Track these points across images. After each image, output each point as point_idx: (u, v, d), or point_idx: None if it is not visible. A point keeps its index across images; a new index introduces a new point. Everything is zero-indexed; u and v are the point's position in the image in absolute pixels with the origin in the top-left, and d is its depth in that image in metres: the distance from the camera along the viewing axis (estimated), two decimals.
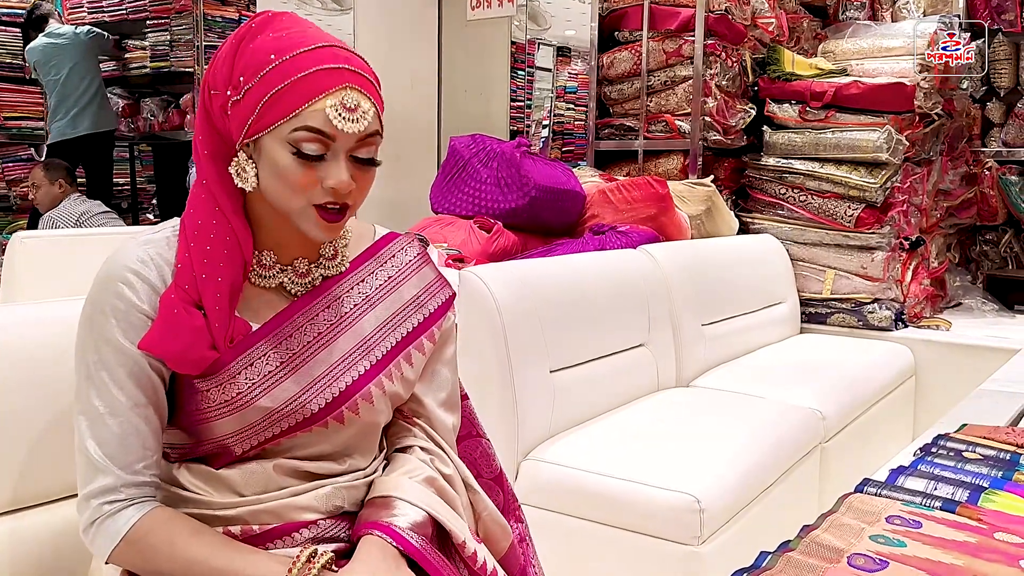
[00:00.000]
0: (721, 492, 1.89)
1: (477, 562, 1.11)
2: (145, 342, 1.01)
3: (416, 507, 1.09)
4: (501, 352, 2.04)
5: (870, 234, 3.44)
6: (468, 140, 3.08)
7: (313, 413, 1.08)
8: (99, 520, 1.01)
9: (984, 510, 1.15)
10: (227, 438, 1.07)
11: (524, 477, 2.04)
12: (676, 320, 2.72)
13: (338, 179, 1.00)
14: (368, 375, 1.12)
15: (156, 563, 1.01)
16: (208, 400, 1.05)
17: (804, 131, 3.54)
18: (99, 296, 1.03)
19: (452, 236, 2.86)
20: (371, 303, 1.16)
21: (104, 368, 1.02)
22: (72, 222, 4.15)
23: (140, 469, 1.03)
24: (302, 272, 1.12)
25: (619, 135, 3.85)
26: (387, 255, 1.20)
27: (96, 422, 1.02)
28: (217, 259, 1.04)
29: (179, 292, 1.02)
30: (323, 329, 1.11)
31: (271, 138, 1.00)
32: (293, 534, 1.07)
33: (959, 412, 1.67)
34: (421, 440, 1.20)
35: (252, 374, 1.05)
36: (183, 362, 1.02)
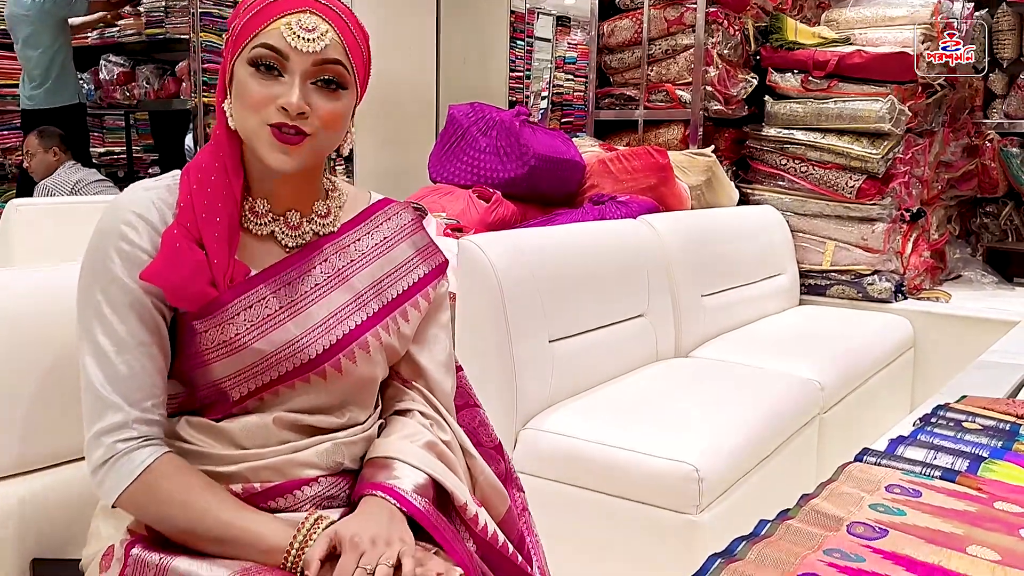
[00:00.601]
0: (719, 461, 1.89)
1: (478, 524, 1.12)
2: (146, 273, 1.02)
3: (418, 469, 1.10)
4: (500, 321, 2.04)
5: (871, 205, 3.42)
6: (467, 108, 3.06)
7: (311, 359, 1.10)
8: (114, 458, 1.02)
9: (984, 479, 1.15)
10: (223, 381, 1.08)
11: (523, 446, 2.05)
12: (675, 290, 2.71)
13: (287, 99, 1.02)
14: (365, 325, 1.14)
15: (166, 509, 1.02)
16: (206, 341, 1.06)
17: (806, 101, 3.51)
18: (103, 238, 1.05)
19: (450, 205, 2.84)
20: (366, 260, 1.18)
21: (110, 306, 1.03)
22: (67, 190, 4.12)
23: (149, 407, 1.04)
24: (294, 224, 1.14)
25: (619, 105, 3.82)
26: (382, 218, 1.22)
27: (103, 360, 1.03)
28: (216, 199, 1.07)
29: (181, 229, 1.04)
30: (319, 281, 1.13)
31: (239, 63, 1.05)
32: (295, 492, 1.08)
33: (958, 383, 1.67)
34: (420, 405, 1.21)
35: (251, 316, 1.07)
36: (183, 296, 1.03)
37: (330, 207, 1.18)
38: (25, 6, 4.86)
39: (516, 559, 1.15)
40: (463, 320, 2.12)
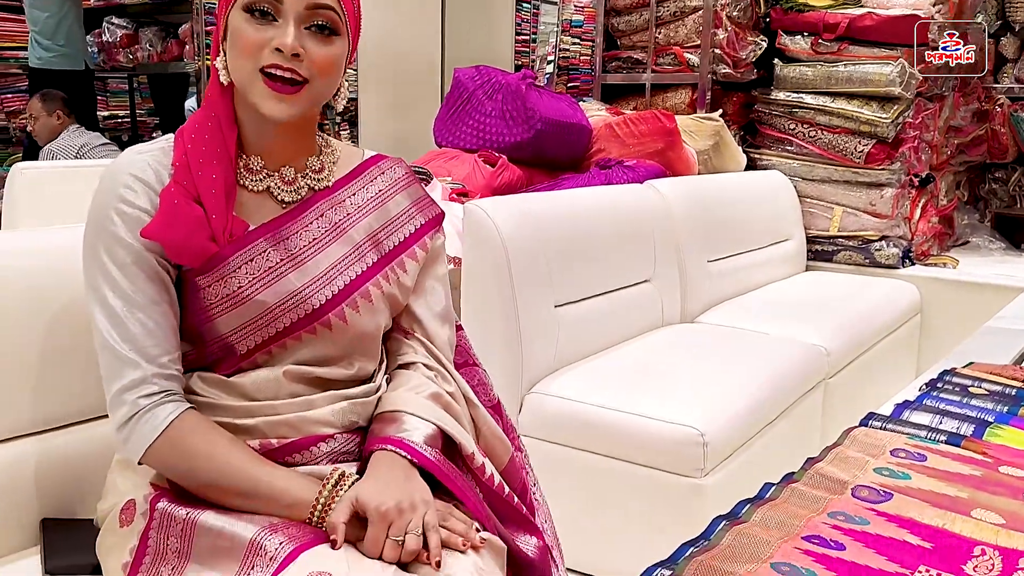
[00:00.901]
0: (725, 426, 1.90)
1: (485, 473, 1.13)
2: (147, 231, 1.04)
3: (426, 421, 1.11)
4: (505, 286, 2.03)
5: (880, 170, 3.40)
6: (473, 72, 3.03)
7: (315, 309, 1.11)
8: (138, 414, 1.03)
9: (989, 444, 1.15)
10: (230, 335, 1.09)
11: (528, 410, 2.05)
12: (682, 256, 2.70)
13: (282, 40, 1.04)
14: (365, 275, 1.16)
15: (192, 463, 1.03)
16: (210, 296, 1.07)
17: (816, 64, 3.47)
18: (102, 203, 1.06)
19: (456, 170, 2.83)
20: (363, 213, 1.19)
21: (117, 266, 1.05)
22: (72, 154, 4.11)
23: (166, 362, 1.05)
24: (289, 180, 1.15)
25: (626, 68, 3.78)
26: (375, 172, 1.23)
27: (116, 319, 1.04)
28: (211, 156, 1.08)
29: (178, 187, 1.06)
30: (317, 235, 1.14)
31: (234, 11, 1.07)
32: (312, 448, 1.09)
33: (965, 349, 1.67)
34: (423, 357, 1.22)
35: (252, 269, 1.09)
36: (183, 252, 1.05)
37: (324, 162, 1.19)
38: None
39: (521, 508, 1.17)
40: (469, 284, 2.12)
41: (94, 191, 1.08)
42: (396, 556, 0.97)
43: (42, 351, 1.21)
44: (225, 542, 0.98)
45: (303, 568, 0.92)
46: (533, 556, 1.15)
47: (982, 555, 0.86)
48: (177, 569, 0.99)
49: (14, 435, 1.21)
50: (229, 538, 0.98)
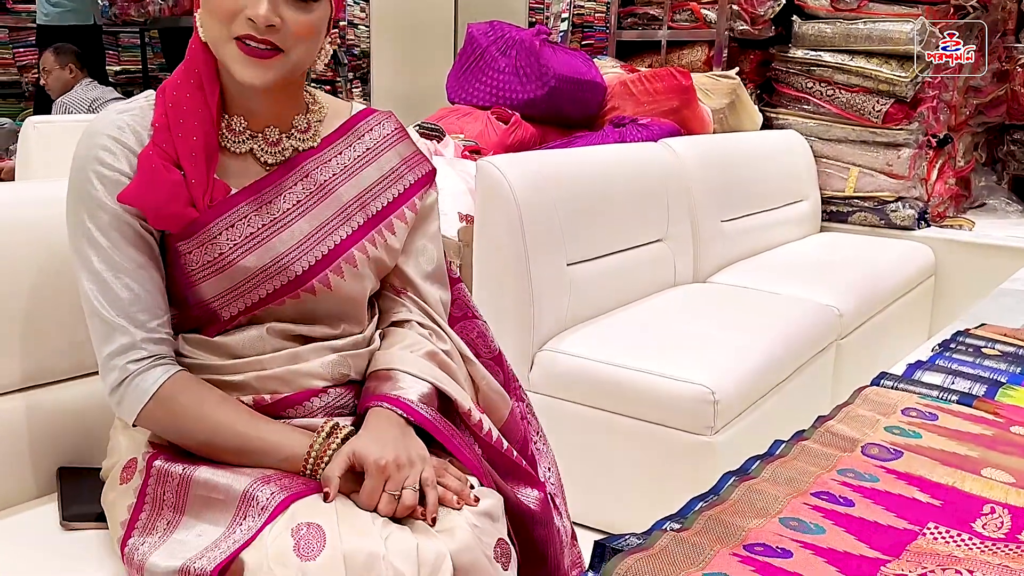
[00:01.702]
0: (735, 384, 1.90)
1: (483, 429, 1.14)
2: (124, 195, 1.02)
3: (421, 379, 1.11)
4: (518, 244, 2.03)
5: (897, 130, 3.36)
6: (486, 27, 3.00)
7: (297, 275, 1.10)
8: (128, 379, 1.03)
9: (1001, 404, 1.15)
10: (212, 301, 1.08)
11: (539, 367, 2.06)
12: (695, 216, 2.69)
13: (254, 10, 0.99)
14: (351, 239, 1.14)
15: (183, 424, 1.04)
16: (191, 262, 1.06)
17: (835, 21, 3.42)
18: (82, 166, 1.05)
19: (469, 127, 2.81)
20: (349, 173, 1.16)
21: (101, 232, 1.03)
22: (85, 108, 4.10)
23: (155, 327, 1.05)
24: (272, 141, 1.12)
25: (642, 24, 3.73)
26: (363, 129, 1.20)
27: (103, 285, 1.03)
28: (191, 117, 1.05)
29: (156, 149, 1.03)
30: (302, 197, 1.12)
31: None
32: (305, 403, 1.09)
33: (978, 311, 1.66)
34: (417, 315, 1.21)
35: (233, 235, 1.07)
36: (162, 216, 1.03)
37: (310, 121, 1.15)
38: None
39: (521, 462, 1.17)
40: (481, 242, 2.12)
41: (74, 151, 1.06)
42: (391, 511, 0.97)
43: (57, 301, 1.22)
44: (219, 494, 0.99)
45: (293, 518, 0.94)
46: (535, 507, 1.16)
47: (991, 513, 0.87)
48: (172, 523, 1.01)
49: (30, 384, 1.23)
50: (223, 491, 0.99)
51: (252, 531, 0.94)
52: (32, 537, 1.12)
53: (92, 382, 1.26)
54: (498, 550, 1.01)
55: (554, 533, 1.20)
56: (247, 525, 0.95)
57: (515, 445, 1.20)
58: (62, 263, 1.22)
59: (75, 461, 1.24)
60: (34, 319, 1.21)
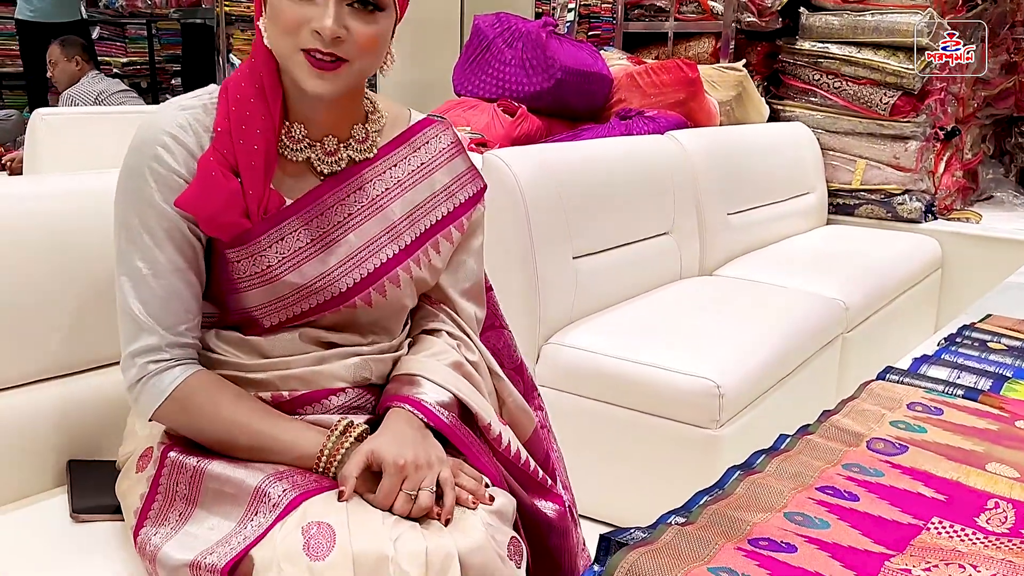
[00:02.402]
0: (741, 378, 1.90)
1: (502, 444, 1.13)
2: (181, 200, 1.02)
3: (442, 388, 1.11)
4: (524, 237, 2.03)
5: (904, 123, 3.34)
6: (492, 19, 2.99)
7: (341, 292, 1.10)
8: (145, 378, 1.04)
9: (1006, 399, 1.15)
10: (255, 310, 1.09)
11: (545, 360, 2.06)
12: (701, 208, 2.68)
13: (322, 23, 0.99)
14: (396, 259, 1.14)
15: (199, 422, 1.05)
16: (239, 271, 1.07)
17: (843, 13, 3.40)
18: (137, 160, 1.04)
19: (475, 119, 2.80)
20: (402, 188, 1.16)
21: (146, 231, 1.03)
22: (91, 100, 4.11)
23: (183, 331, 1.06)
24: (330, 150, 1.11)
25: (649, 16, 3.72)
26: (420, 141, 1.19)
27: (139, 283, 1.04)
28: (254, 125, 1.05)
29: (217, 156, 1.03)
30: (353, 211, 1.12)
31: None
32: (323, 401, 1.10)
33: (985, 304, 1.66)
34: (448, 325, 1.21)
35: (282, 248, 1.07)
36: (215, 224, 1.03)
37: (368, 131, 1.14)
38: None
39: (538, 475, 1.18)
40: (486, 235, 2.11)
41: (131, 141, 1.05)
42: (407, 510, 0.98)
43: (67, 295, 1.23)
44: (231, 488, 1.00)
45: (304, 516, 0.94)
46: (552, 517, 1.17)
47: (995, 508, 0.87)
48: (184, 514, 1.02)
49: (41, 377, 1.23)
50: (236, 485, 1.00)
51: (262, 528, 0.95)
52: (43, 529, 1.13)
53: (102, 375, 1.27)
54: (511, 548, 1.02)
55: (571, 544, 1.21)
56: (258, 521, 0.96)
57: (537, 460, 1.20)
58: (72, 257, 1.23)
59: (85, 454, 1.25)
60: (43, 313, 1.21)
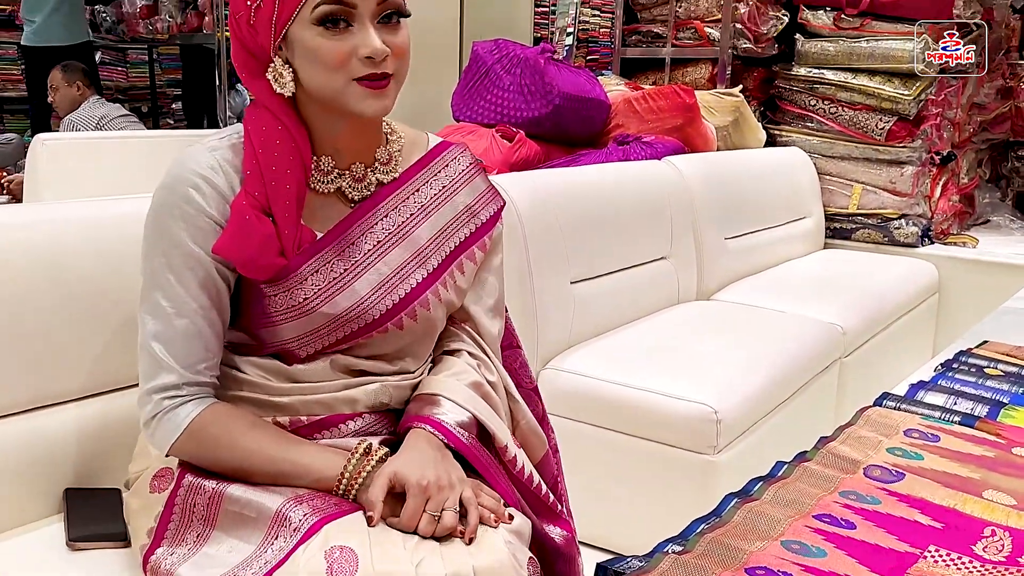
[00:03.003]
0: (738, 403, 1.90)
1: (516, 466, 1.14)
2: (218, 247, 1.03)
3: (462, 408, 1.12)
4: (522, 262, 2.04)
5: (901, 148, 3.37)
6: (491, 45, 3.01)
7: (375, 319, 1.11)
8: (160, 414, 1.05)
9: (1003, 425, 1.15)
10: (290, 342, 1.10)
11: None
12: (699, 233, 2.70)
13: (371, 46, 1.01)
14: (425, 283, 1.15)
15: (216, 453, 1.05)
16: (275, 305, 1.08)
17: (838, 39, 3.43)
18: (167, 199, 1.05)
19: (473, 145, 2.82)
20: (426, 212, 1.17)
21: (171, 270, 1.04)
22: (92, 125, 4.13)
23: (202, 370, 1.06)
24: (359, 177, 1.13)
25: (646, 42, 3.75)
26: (440, 164, 1.21)
27: (162, 322, 1.05)
28: (284, 166, 1.05)
29: (249, 199, 1.04)
30: (381, 238, 1.13)
31: (297, 27, 1.02)
32: (340, 425, 1.11)
33: (981, 329, 1.66)
34: (469, 345, 1.23)
35: (318, 280, 1.08)
36: (254, 268, 1.04)
37: (391, 152, 1.16)
38: None
39: (548, 499, 1.19)
40: None
41: (162, 180, 1.06)
42: (431, 531, 0.98)
43: (64, 323, 1.23)
44: (251, 512, 1.01)
45: (327, 540, 0.94)
46: (559, 543, 1.18)
47: (992, 536, 0.87)
48: (202, 535, 1.02)
49: (37, 405, 1.23)
50: (256, 508, 1.00)
51: (284, 552, 0.95)
52: (39, 557, 1.12)
53: (99, 402, 1.27)
54: (530, 568, 1.03)
55: (575, 571, 1.21)
56: (278, 545, 0.96)
57: (547, 483, 1.21)
58: (71, 285, 1.23)
59: (82, 482, 1.25)
60: (42, 340, 1.21)
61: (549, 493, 1.19)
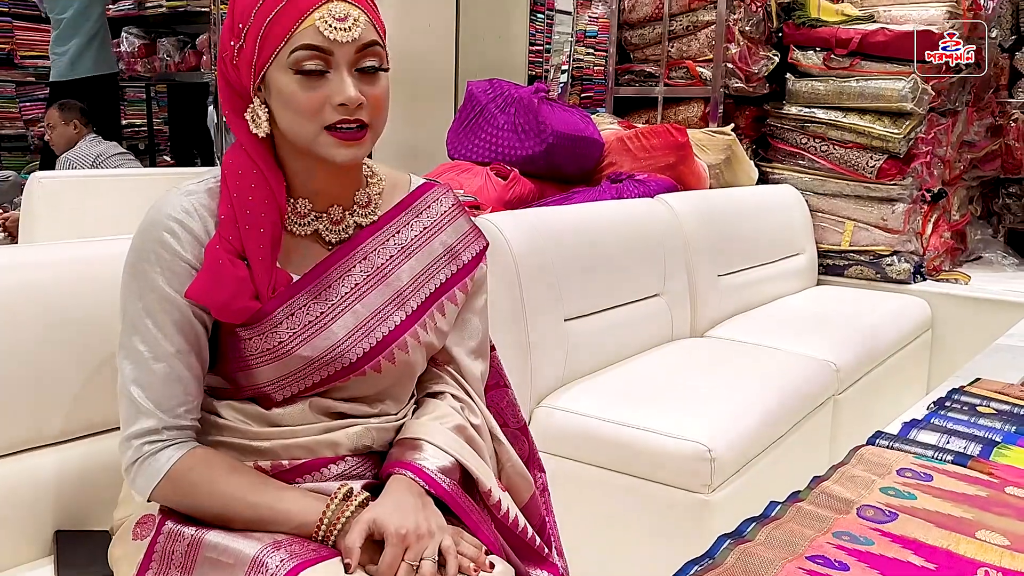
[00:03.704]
0: (732, 441, 1.90)
1: (501, 510, 1.14)
2: (191, 291, 1.03)
3: (444, 452, 1.11)
4: (515, 300, 2.04)
5: (891, 185, 3.40)
6: (485, 85, 3.05)
7: (352, 362, 1.11)
8: (141, 459, 1.04)
9: (996, 464, 1.15)
10: (267, 385, 1.10)
11: (537, 424, 2.06)
12: (692, 270, 2.71)
13: (344, 94, 1.01)
14: (404, 325, 1.14)
15: (196, 499, 1.05)
16: (250, 348, 1.08)
17: (828, 79, 3.48)
18: (143, 244, 1.06)
19: (468, 183, 2.84)
20: (406, 254, 1.17)
21: (148, 315, 1.04)
22: (89, 163, 4.15)
23: (182, 413, 1.06)
24: (336, 219, 1.13)
25: (639, 81, 3.79)
26: (422, 206, 1.21)
27: (140, 366, 1.04)
28: (258, 210, 1.06)
29: (223, 243, 1.04)
30: (359, 281, 1.12)
31: (275, 69, 1.03)
32: (322, 469, 1.10)
33: (974, 366, 1.67)
34: (453, 387, 1.22)
35: (293, 324, 1.08)
36: (228, 312, 1.04)
37: (370, 195, 1.16)
38: None
39: (535, 543, 1.17)
40: None
41: (139, 225, 1.06)
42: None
43: (58, 364, 1.23)
44: (229, 558, 1.00)
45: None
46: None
47: None
48: None
49: (29, 446, 1.23)
50: (233, 555, 0.99)
51: None
52: None
53: (90, 444, 1.27)
54: None
55: None
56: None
57: (534, 526, 1.20)
58: (63, 326, 1.23)
59: (73, 524, 1.24)
60: (35, 382, 1.21)
61: (536, 536, 1.18)
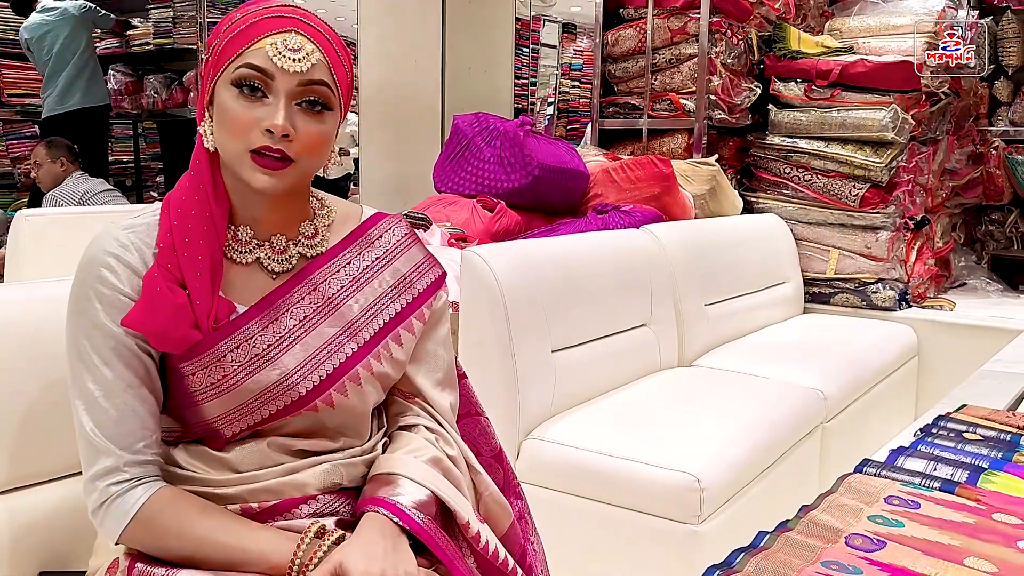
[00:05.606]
0: (721, 471, 1.90)
1: (480, 542, 1.11)
2: (128, 319, 1.01)
3: (420, 486, 1.09)
4: (502, 331, 2.04)
5: (875, 214, 3.43)
6: (471, 118, 3.07)
7: (301, 396, 1.08)
8: (107, 502, 1.02)
9: (983, 491, 1.15)
10: (215, 421, 1.07)
11: (525, 456, 2.05)
12: (679, 300, 2.72)
13: (272, 120, 1.00)
14: (355, 357, 1.12)
15: (165, 541, 1.02)
16: (194, 383, 1.05)
17: (810, 110, 3.52)
18: (83, 281, 1.04)
19: (455, 215, 2.86)
20: (358, 285, 1.14)
21: (95, 351, 1.02)
22: (75, 201, 4.15)
23: (141, 448, 1.04)
24: (279, 249, 1.11)
25: (623, 113, 3.83)
26: (374, 236, 1.19)
27: (92, 405, 1.02)
28: (197, 235, 1.04)
29: (161, 271, 1.02)
30: (309, 312, 1.10)
31: (221, 83, 1.03)
32: (293, 510, 1.08)
33: (961, 393, 1.67)
34: (425, 419, 1.20)
35: (239, 356, 1.05)
36: (165, 340, 1.02)
37: (317, 227, 1.14)
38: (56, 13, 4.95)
39: (516, 574, 1.15)
40: (466, 330, 2.13)
41: (78, 262, 1.05)
42: None
43: (41, 403, 1.22)
44: None
45: None
46: None
47: None
48: None
49: (14, 486, 1.21)
50: None
51: None
52: None
53: (75, 483, 1.25)
54: None
55: None
56: None
57: (514, 556, 1.18)
58: (46, 365, 1.22)
59: (58, 564, 1.22)
60: (17, 421, 1.20)
61: (517, 567, 1.16)
